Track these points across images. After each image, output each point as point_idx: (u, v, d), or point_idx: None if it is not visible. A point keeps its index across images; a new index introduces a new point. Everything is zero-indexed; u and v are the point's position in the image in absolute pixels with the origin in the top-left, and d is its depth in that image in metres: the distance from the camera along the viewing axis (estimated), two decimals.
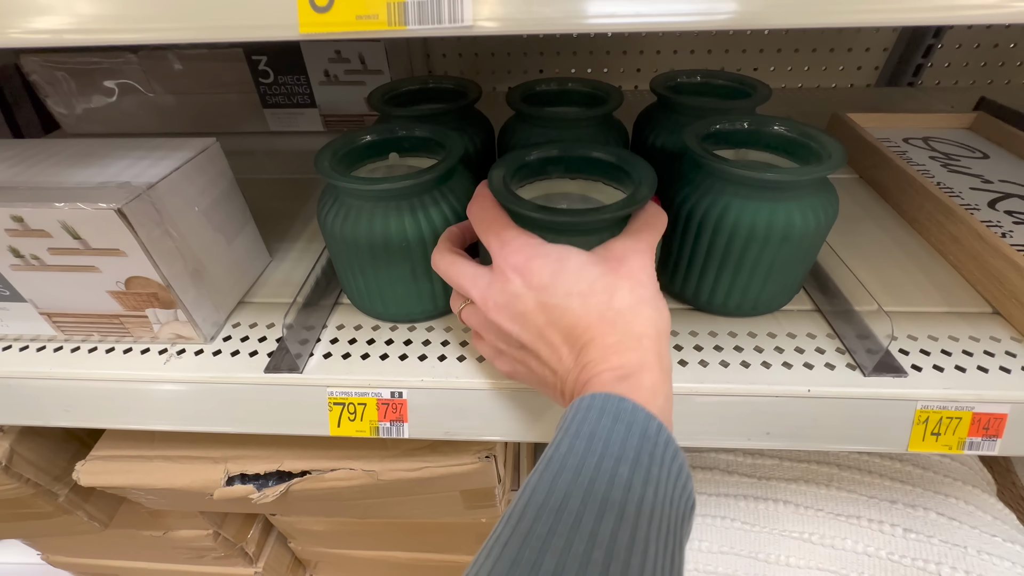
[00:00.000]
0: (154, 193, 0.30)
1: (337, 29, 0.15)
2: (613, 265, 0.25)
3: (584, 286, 0.24)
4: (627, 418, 0.21)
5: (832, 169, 0.29)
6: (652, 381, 0.22)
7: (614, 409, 0.21)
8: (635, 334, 0.23)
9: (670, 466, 0.20)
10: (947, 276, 0.38)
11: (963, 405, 0.29)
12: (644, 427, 0.20)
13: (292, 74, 0.61)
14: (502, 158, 0.31)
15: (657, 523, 0.19)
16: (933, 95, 0.71)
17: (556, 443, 0.21)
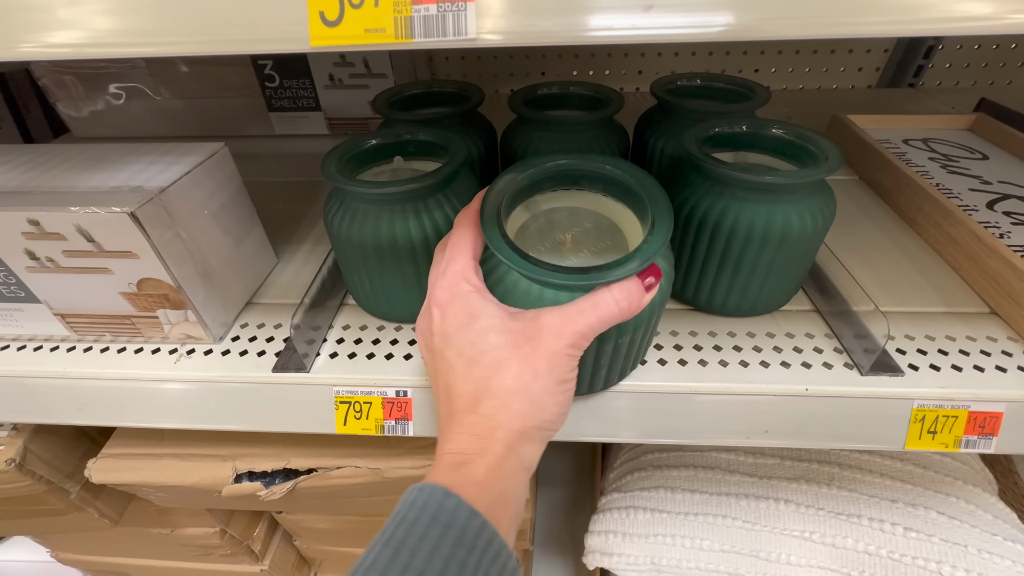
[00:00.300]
0: (165, 197, 0.31)
1: (347, 43, 0.16)
2: (520, 340, 0.23)
3: (476, 352, 0.23)
4: (446, 519, 0.20)
5: (829, 172, 0.29)
6: (486, 473, 0.21)
7: (435, 507, 0.20)
8: (493, 423, 0.22)
9: (487, 569, 0.19)
10: (945, 276, 0.39)
11: (959, 404, 0.30)
12: (462, 529, 0.20)
13: (297, 78, 0.62)
14: (511, 169, 0.29)
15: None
16: (934, 96, 0.71)
17: (369, 548, 0.20)
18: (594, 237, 0.29)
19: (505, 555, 0.20)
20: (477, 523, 0.20)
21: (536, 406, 0.22)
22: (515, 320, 0.23)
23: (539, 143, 0.40)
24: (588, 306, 0.23)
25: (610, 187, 0.30)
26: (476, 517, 0.20)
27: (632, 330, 0.27)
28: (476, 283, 0.25)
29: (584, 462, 0.93)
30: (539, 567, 0.81)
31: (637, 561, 0.55)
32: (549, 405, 0.23)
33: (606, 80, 0.78)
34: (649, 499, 0.58)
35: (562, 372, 0.23)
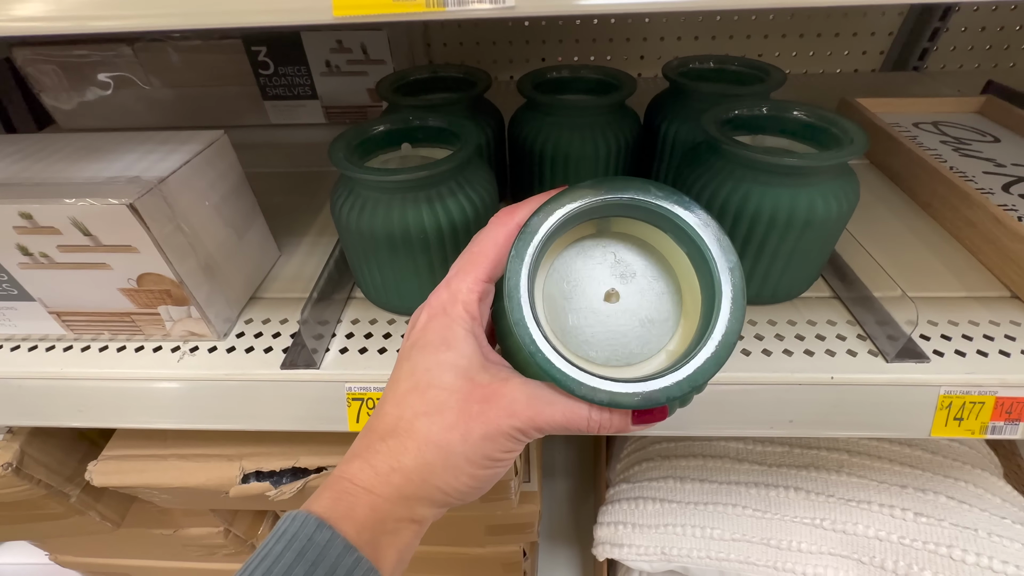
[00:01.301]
0: (165, 187, 0.29)
1: (373, 12, 0.15)
2: (474, 395, 0.20)
3: (424, 381, 0.20)
4: (314, 555, 0.18)
5: (856, 154, 0.28)
6: (369, 513, 0.20)
7: (303, 541, 0.18)
8: (396, 463, 0.20)
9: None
10: (963, 261, 0.38)
11: (986, 390, 0.29)
12: (332, 567, 0.18)
13: (293, 65, 0.60)
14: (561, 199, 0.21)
15: None
16: (939, 79, 0.70)
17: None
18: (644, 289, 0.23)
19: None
20: (350, 560, 0.18)
21: (449, 470, 0.20)
22: (483, 372, 0.21)
23: (549, 129, 0.39)
24: (562, 405, 0.20)
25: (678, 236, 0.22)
26: (350, 553, 0.18)
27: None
28: (473, 311, 0.21)
29: (587, 452, 0.93)
30: (544, 559, 0.81)
31: (647, 551, 0.55)
32: (463, 476, 0.20)
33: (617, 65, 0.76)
34: (658, 489, 0.57)
35: (496, 450, 0.20)
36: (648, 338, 0.22)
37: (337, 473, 0.21)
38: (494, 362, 0.22)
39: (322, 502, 0.20)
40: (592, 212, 0.22)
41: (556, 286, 0.23)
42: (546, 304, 0.22)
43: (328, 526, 0.19)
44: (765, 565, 0.51)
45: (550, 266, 0.23)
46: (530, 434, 0.20)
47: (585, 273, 0.23)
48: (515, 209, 0.22)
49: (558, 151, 0.39)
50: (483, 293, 0.22)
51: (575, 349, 0.22)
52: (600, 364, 0.22)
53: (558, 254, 0.23)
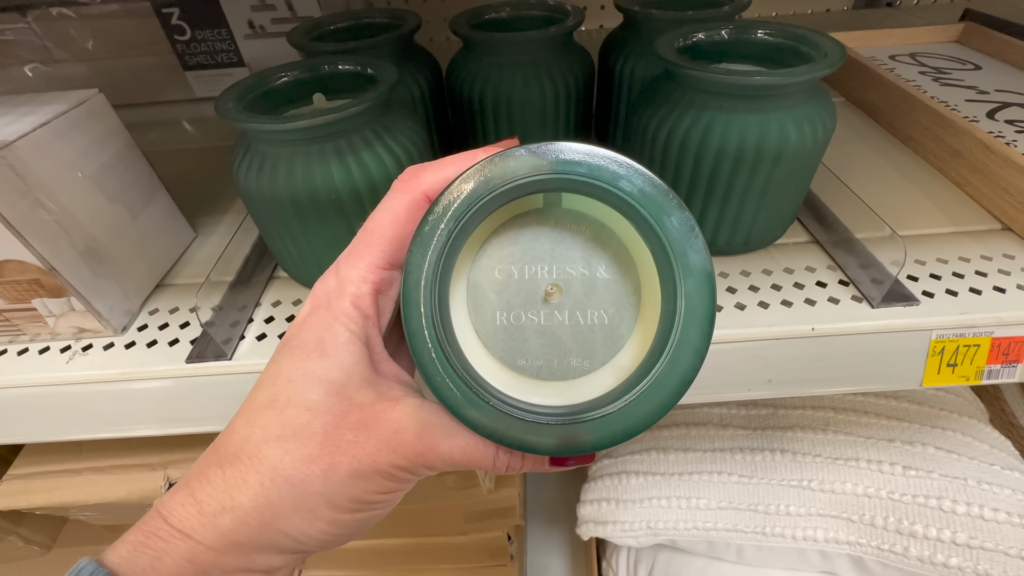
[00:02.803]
0: (12, 154, 0.24)
1: None
2: (348, 419, 0.16)
3: (286, 394, 0.16)
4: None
5: (830, 68, 0.24)
6: (186, 560, 0.15)
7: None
8: (230, 501, 0.15)
9: None
10: (950, 194, 0.35)
11: (981, 331, 0.26)
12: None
13: (211, 28, 0.53)
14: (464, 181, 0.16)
15: None
16: (913, 14, 0.67)
17: None
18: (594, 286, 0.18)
19: None
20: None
21: (301, 513, 0.15)
22: (365, 389, 0.16)
23: (488, 72, 0.34)
24: (463, 440, 0.16)
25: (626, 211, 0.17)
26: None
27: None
28: (364, 307, 0.17)
29: None
30: (533, 541, 0.79)
31: (633, 527, 0.52)
32: (320, 523, 0.15)
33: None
34: (641, 462, 0.55)
35: (369, 491, 0.16)
36: (593, 348, 0.17)
37: (156, 506, 0.16)
38: (387, 376, 0.17)
39: (121, 548, 0.15)
40: (528, 189, 0.16)
41: (485, 274, 0.18)
42: (471, 296, 0.18)
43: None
44: (753, 531, 0.49)
45: (480, 248, 0.18)
46: (419, 472, 0.16)
47: (522, 261, 0.18)
48: (421, 170, 0.17)
49: (500, 97, 0.34)
50: (381, 283, 0.17)
51: (502, 355, 0.17)
52: (531, 376, 0.17)
53: (493, 232, 0.18)
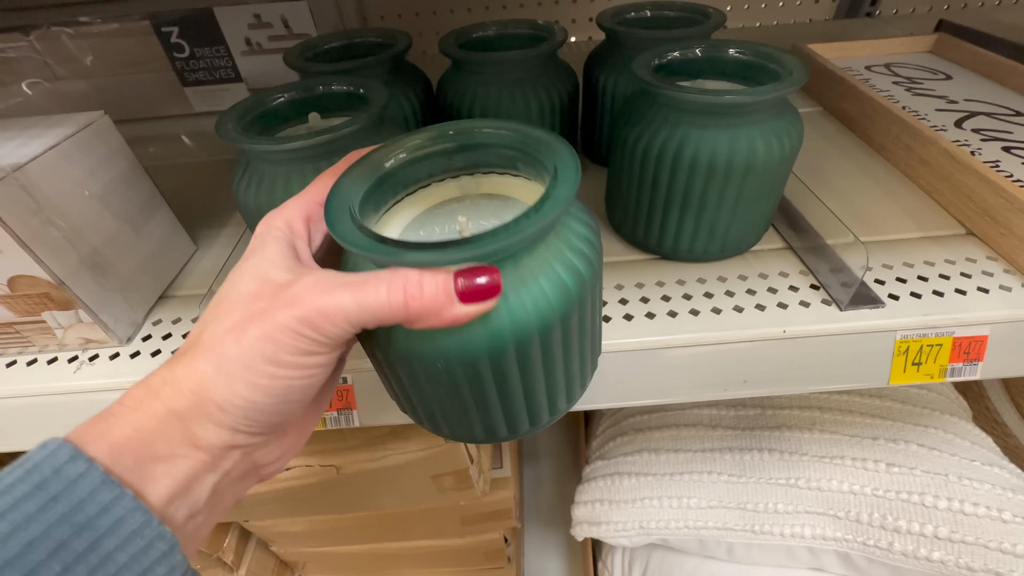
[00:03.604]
0: (24, 176, 0.26)
1: None
2: (264, 293, 0.17)
3: (225, 292, 0.18)
4: (56, 489, 0.15)
5: (793, 87, 0.26)
6: (131, 433, 0.16)
7: (50, 472, 0.15)
8: (170, 376, 0.17)
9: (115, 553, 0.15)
10: (918, 201, 0.36)
11: (943, 331, 0.28)
12: (79, 503, 0.15)
13: (210, 45, 0.55)
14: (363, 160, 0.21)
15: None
16: (892, 23, 0.69)
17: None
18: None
19: (151, 535, 0.15)
20: (108, 496, 0.15)
21: (223, 376, 0.17)
22: (283, 272, 0.18)
23: (476, 88, 0.36)
24: (354, 281, 0.17)
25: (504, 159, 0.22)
26: (109, 488, 0.15)
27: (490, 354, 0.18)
28: (295, 226, 0.19)
29: (569, 433, 0.92)
30: (531, 543, 0.80)
31: (626, 527, 0.54)
32: (239, 385, 0.17)
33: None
34: (633, 463, 0.56)
35: (278, 351, 0.16)
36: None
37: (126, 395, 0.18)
38: (298, 267, 0.18)
39: (80, 427, 0.16)
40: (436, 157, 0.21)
41: (408, 235, 0.22)
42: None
43: (85, 458, 0.15)
44: (743, 529, 0.50)
45: (406, 224, 0.22)
46: (319, 326, 0.16)
47: (442, 224, 0.22)
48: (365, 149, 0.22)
49: (488, 112, 0.36)
50: (313, 213, 0.20)
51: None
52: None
53: (418, 214, 0.23)
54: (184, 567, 0.16)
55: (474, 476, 0.42)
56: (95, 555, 0.15)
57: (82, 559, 0.14)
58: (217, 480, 0.18)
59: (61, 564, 0.14)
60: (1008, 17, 0.65)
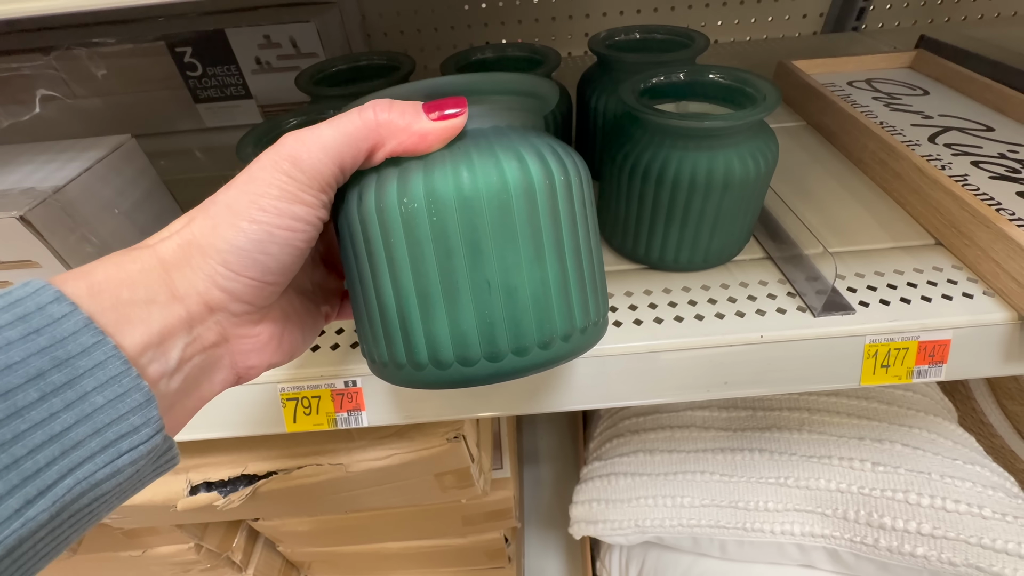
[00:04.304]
0: (62, 197, 0.28)
1: None
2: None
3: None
4: (39, 323, 0.14)
5: (765, 112, 0.28)
6: (111, 275, 0.16)
7: (34, 308, 0.15)
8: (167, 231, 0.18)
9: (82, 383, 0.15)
10: (892, 213, 0.39)
11: (909, 336, 0.30)
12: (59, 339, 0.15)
13: (221, 64, 0.58)
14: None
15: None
16: (877, 38, 0.71)
17: None
18: None
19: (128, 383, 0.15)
20: (89, 339, 0.15)
21: (209, 221, 0.17)
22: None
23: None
24: (328, 120, 0.18)
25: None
26: (91, 332, 0.15)
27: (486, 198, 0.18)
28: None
29: (568, 435, 0.94)
30: (531, 543, 0.82)
31: (622, 526, 0.55)
32: (222, 228, 0.17)
33: (553, 46, 0.75)
34: (629, 464, 0.58)
35: (260, 192, 0.17)
36: None
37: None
38: None
39: (63, 273, 0.16)
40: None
41: None
42: None
43: (70, 302, 0.15)
44: (735, 527, 0.52)
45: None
46: (299, 159, 0.17)
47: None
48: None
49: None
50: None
51: None
52: None
53: None
54: (159, 424, 0.16)
55: (475, 475, 0.44)
56: (72, 391, 0.15)
57: (59, 392, 0.14)
58: (189, 342, 0.17)
59: (38, 392, 0.14)
60: (989, 31, 0.68)
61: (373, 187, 0.19)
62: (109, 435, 0.15)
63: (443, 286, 0.19)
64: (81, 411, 0.15)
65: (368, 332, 0.21)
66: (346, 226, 0.20)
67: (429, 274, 0.19)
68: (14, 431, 0.14)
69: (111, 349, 0.15)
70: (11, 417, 0.14)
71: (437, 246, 0.18)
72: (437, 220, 0.18)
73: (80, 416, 0.15)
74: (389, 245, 0.19)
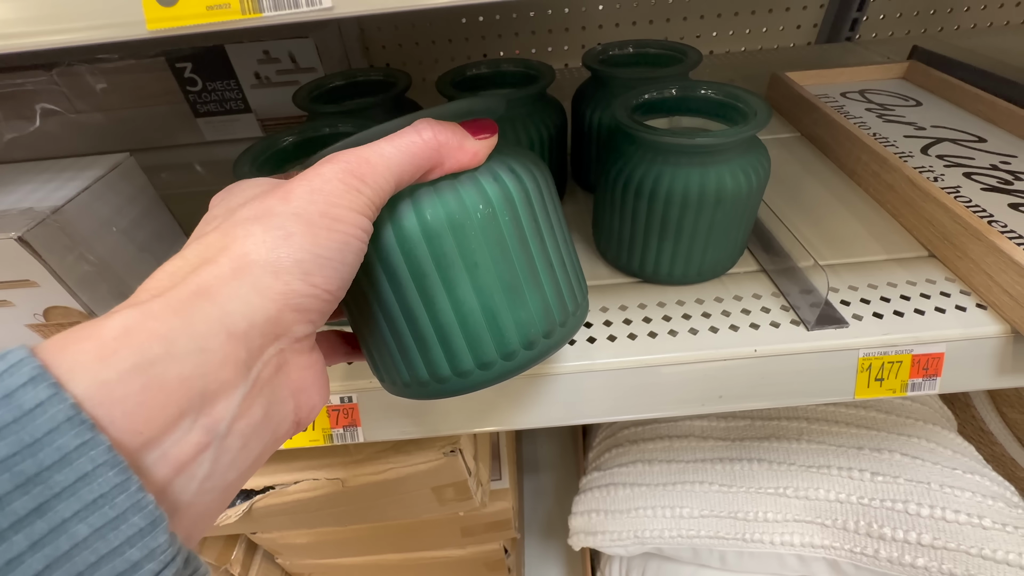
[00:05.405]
0: (61, 217, 0.28)
1: (187, 23, 0.14)
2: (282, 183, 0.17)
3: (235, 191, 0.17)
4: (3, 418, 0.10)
5: (756, 129, 0.29)
6: (130, 327, 0.12)
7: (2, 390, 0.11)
8: (195, 259, 0.14)
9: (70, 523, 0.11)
10: (885, 224, 0.39)
11: (902, 349, 0.30)
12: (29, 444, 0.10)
13: (221, 79, 0.58)
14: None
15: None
16: (871, 48, 0.72)
17: None
18: None
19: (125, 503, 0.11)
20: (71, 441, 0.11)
21: (276, 232, 0.14)
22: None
23: None
24: (385, 138, 0.17)
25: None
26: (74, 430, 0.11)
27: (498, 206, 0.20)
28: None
29: (568, 445, 0.94)
30: (531, 554, 0.81)
31: (621, 537, 0.55)
32: (299, 236, 0.15)
33: (549, 57, 0.76)
34: (628, 474, 0.58)
35: (331, 202, 0.15)
36: None
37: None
38: None
39: (60, 334, 0.12)
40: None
41: None
42: None
43: (50, 381, 0.11)
44: (734, 538, 0.52)
45: None
46: (367, 176, 0.16)
47: None
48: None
49: None
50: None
51: None
52: None
53: None
54: (170, 553, 0.12)
55: (472, 487, 0.44)
56: (43, 522, 0.10)
57: (23, 526, 0.10)
58: (247, 392, 0.14)
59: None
60: (981, 40, 0.69)
61: (411, 211, 0.19)
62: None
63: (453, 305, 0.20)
64: (55, 550, 0.11)
65: (392, 357, 0.22)
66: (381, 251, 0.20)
67: (458, 292, 0.20)
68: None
69: (102, 453, 0.11)
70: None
71: (466, 262, 0.20)
72: (453, 242, 0.19)
73: (51, 559, 0.10)
74: (421, 272, 0.19)
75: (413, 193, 0.19)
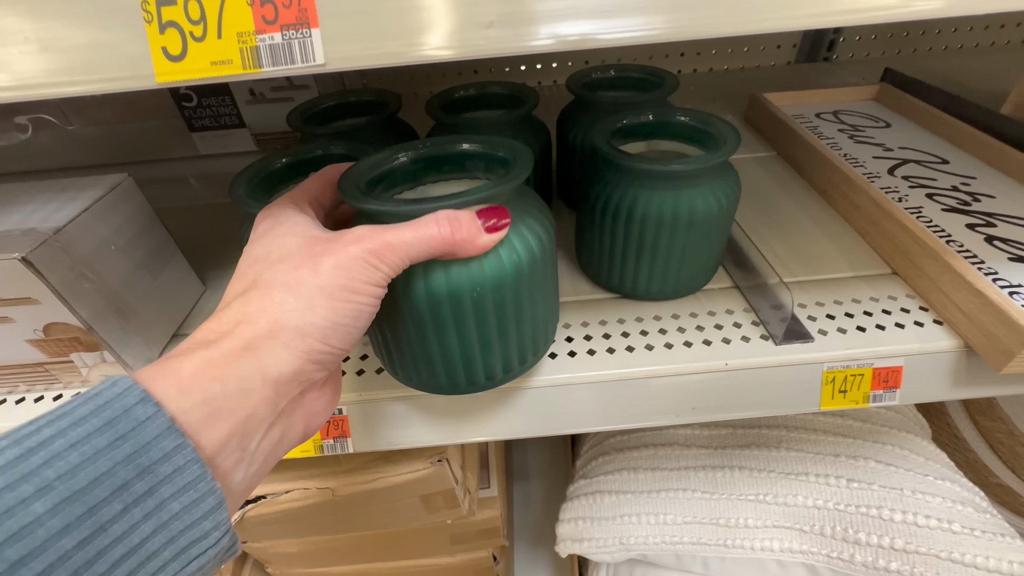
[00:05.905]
0: (62, 237, 0.30)
1: (194, 76, 0.16)
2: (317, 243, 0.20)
3: (265, 250, 0.21)
4: (125, 428, 0.15)
5: (725, 156, 0.31)
6: (200, 369, 0.17)
7: (120, 411, 0.15)
8: (241, 315, 0.19)
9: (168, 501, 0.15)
10: (852, 243, 0.41)
11: (864, 363, 0.32)
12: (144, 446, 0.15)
13: (216, 95, 0.60)
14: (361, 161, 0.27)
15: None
16: (847, 68, 0.75)
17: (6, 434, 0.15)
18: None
19: (204, 488, 0.16)
20: (170, 444, 0.16)
21: (303, 303, 0.19)
22: (322, 232, 0.21)
23: None
24: (407, 224, 0.21)
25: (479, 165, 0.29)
26: (173, 436, 0.16)
27: (491, 287, 0.24)
28: (302, 206, 0.23)
29: (557, 453, 0.95)
30: (520, 561, 0.82)
31: (607, 544, 0.56)
32: (321, 308, 0.19)
33: (538, 75, 0.78)
34: (613, 482, 0.59)
35: (352, 277, 0.19)
36: None
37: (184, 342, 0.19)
38: (329, 231, 0.22)
39: (149, 367, 0.17)
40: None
41: None
42: None
43: (154, 402, 0.16)
44: (716, 543, 0.53)
45: None
46: (386, 257, 0.20)
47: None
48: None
49: None
50: (317, 192, 0.24)
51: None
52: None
53: None
54: (227, 526, 0.17)
55: (460, 496, 0.45)
56: (152, 499, 0.15)
57: (140, 502, 0.15)
58: (273, 422, 0.19)
59: (122, 504, 0.15)
60: (952, 61, 0.72)
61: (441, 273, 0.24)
62: (182, 542, 0.16)
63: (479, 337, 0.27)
64: (159, 520, 0.15)
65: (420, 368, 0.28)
66: (403, 303, 0.24)
67: (482, 329, 0.26)
68: (97, 548, 0.14)
69: (190, 452, 0.16)
70: (96, 533, 0.14)
71: (477, 315, 0.25)
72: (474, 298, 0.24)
73: (157, 525, 0.15)
74: (441, 319, 0.25)
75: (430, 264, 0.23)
